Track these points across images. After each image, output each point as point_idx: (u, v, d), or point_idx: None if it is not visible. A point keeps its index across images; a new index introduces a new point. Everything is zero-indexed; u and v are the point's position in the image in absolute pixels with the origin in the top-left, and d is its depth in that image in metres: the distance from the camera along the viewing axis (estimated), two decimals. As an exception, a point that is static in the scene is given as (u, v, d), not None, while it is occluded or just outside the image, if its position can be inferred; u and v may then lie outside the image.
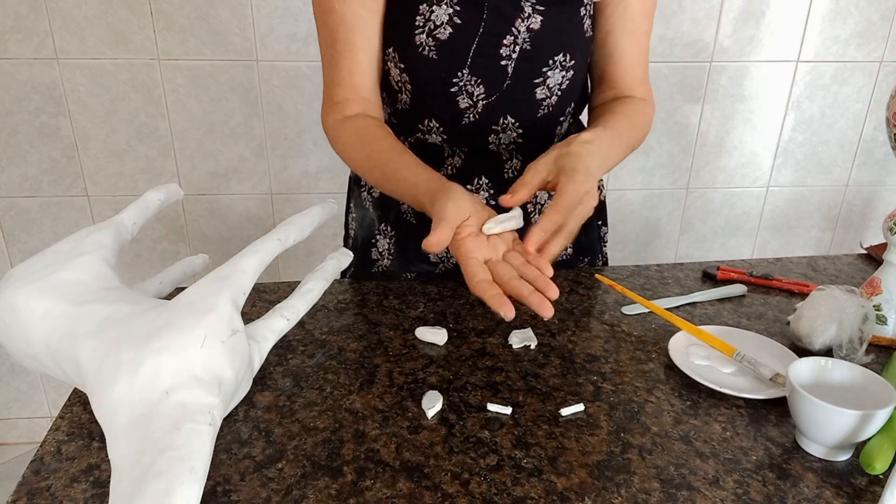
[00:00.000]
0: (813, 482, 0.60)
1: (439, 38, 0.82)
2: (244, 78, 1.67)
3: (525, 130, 0.90)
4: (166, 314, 0.62)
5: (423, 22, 0.81)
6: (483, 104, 0.86)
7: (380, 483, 0.58)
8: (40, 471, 0.60)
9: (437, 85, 0.85)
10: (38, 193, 1.74)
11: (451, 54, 0.83)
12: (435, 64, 0.83)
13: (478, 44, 0.82)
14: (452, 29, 0.81)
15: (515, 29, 0.82)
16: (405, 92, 0.88)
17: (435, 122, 0.89)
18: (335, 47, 0.84)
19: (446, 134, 0.90)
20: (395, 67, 0.86)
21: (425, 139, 0.92)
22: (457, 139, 0.91)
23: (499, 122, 0.88)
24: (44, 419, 2.02)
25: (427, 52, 0.82)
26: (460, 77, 0.84)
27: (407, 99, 0.89)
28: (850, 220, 2.06)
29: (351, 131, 0.85)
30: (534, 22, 0.82)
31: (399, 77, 0.87)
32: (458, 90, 0.85)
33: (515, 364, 0.76)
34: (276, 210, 1.83)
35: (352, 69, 0.85)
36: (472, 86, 0.85)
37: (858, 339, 0.76)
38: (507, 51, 0.83)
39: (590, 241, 1.05)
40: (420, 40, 0.82)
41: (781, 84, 1.84)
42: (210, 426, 0.57)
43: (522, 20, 0.82)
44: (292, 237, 0.73)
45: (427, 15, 0.81)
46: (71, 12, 1.56)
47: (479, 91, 0.85)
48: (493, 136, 0.90)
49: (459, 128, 0.89)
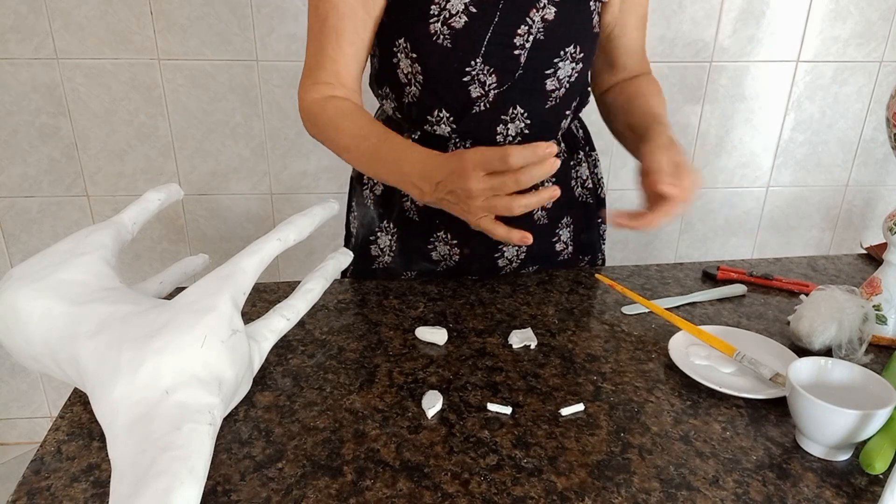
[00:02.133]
0: (813, 482, 0.60)
1: (454, 26, 0.82)
2: (244, 78, 1.67)
3: (532, 121, 0.91)
4: (166, 314, 0.62)
5: (439, 11, 0.82)
6: (494, 93, 0.87)
7: (380, 483, 0.58)
8: (40, 471, 0.60)
9: (450, 73, 0.86)
10: (38, 193, 1.74)
11: (466, 43, 0.84)
12: (448, 52, 0.84)
13: (493, 32, 0.83)
14: (468, 17, 0.82)
15: (530, 19, 0.83)
16: (415, 83, 0.89)
17: (445, 111, 0.90)
18: (323, 31, 0.86)
19: (455, 124, 0.91)
20: (407, 58, 0.86)
21: (433, 131, 0.92)
22: (465, 130, 0.91)
23: (508, 112, 0.89)
24: (44, 419, 2.02)
25: (441, 40, 0.83)
26: (473, 66, 0.85)
27: (416, 91, 0.89)
28: (850, 220, 2.06)
29: (337, 108, 0.86)
30: (548, 12, 0.84)
31: (410, 68, 0.87)
32: (470, 79, 0.86)
33: (515, 364, 0.76)
34: (276, 210, 1.83)
35: (335, 57, 0.86)
36: (485, 75, 0.86)
37: (858, 340, 0.76)
38: (521, 40, 0.84)
39: (591, 239, 1.05)
40: (435, 29, 0.83)
41: (781, 84, 1.84)
42: (210, 426, 0.57)
43: (538, 10, 0.83)
44: (292, 237, 0.73)
45: (442, 4, 0.82)
46: (71, 12, 1.56)
47: (491, 80, 0.86)
48: (501, 127, 0.90)
49: (469, 117, 0.89)
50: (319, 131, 0.88)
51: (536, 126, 0.91)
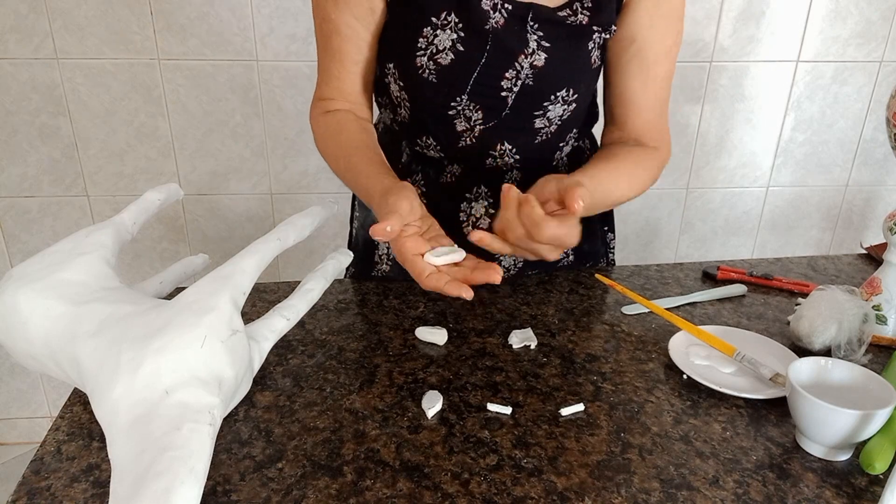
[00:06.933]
0: (813, 482, 0.60)
1: (440, 62, 0.80)
2: (244, 78, 1.67)
3: (522, 156, 0.89)
4: (166, 314, 0.62)
5: (426, 45, 0.79)
6: (480, 129, 0.86)
7: (380, 483, 0.58)
8: (40, 471, 0.60)
9: (435, 107, 0.84)
10: (38, 193, 1.74)
11: (451, 80, 0.81)
12: (434, 87, 0.82)
13: (479, 73, 0.80)
14: (454, 55, 0.79)
15: (518, 64, 0.80)
16: (404, 107, 0.88)
17: (432, 139, 0.89)
18: (327, 52, 0.85)
19: (443, 153, 0.90)
20: (395, 83, 0.86)
21: (424, 153, 0.92)
22: (453, 158, 0.91)
23: (496, 147, 0.88)
24: (44, 419, 2.02)
25: (427, 74, 0.81)
26: (459, 102, 0.83)
27: (405, 114, 0.89)
28: (850, 220, 2.06)
29: (329, 123, 0.86)
30: (538, 59, 0.80)
31: (398, 93, 0.86)
32: (455, 114, 0.84)
33: (515, 364, 0.76)
34: (276, 210, 1.83)
35: (340, 76, 0.86)
36: (471, 111, 0.84)
37: (858, 340, 0.76)
38: (508, 83, 0.81)
39: (593, 248, 1.04)
40: (421, 62, 0.81)
41: (781, 84, 1.84)
42: (210, 426, 0.57)
43: (526, 56, 0.80)
44: (292, 237, 0.73)
45: (430, 38, 0.79)
46: (71, 12, 1.56)
47: (476, 116, 0.84)
48: (490, 160, 0.89)
49: (456, 149, 0.89)
50: (319, 147, 0.89)
51: (528, 158, 0.90)
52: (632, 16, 0.83)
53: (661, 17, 0.84)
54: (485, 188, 0.92)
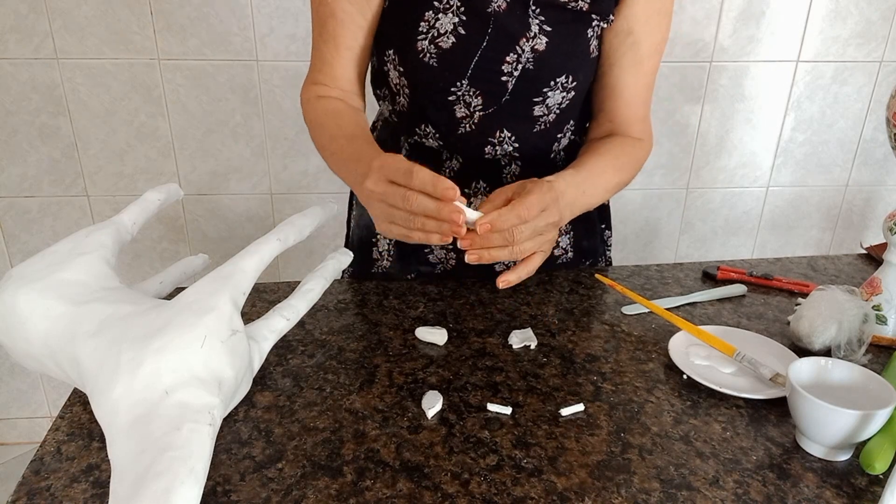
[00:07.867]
0: (813, 482, 0.60)
1: (441, 46, 0.81)
2: (244, 78, 1.67)
3: (521, 144, 0.90)
4: (166, 314, 0.62)
5: (427, 28, 0.80)
6: (480, 115, 0.86)
7: (380, 483, 0.58)
8: (40, 471, 0.60)
9: (435, 92, 0.85)
10: (38, 193, 1.74)
11: (452, 64, 0.82)
12: (434, 71, 0.83)
13: (479, 57, 0.81)
14: (456, 39, 0.80)
15: (519, 48, 0.81)
16: (403, 95, 0.88)
17: (431, 128, 0.89)
18: (322, 36, 0.86)
19: (442, 141, 0.90)
20: (395, 70, 0.86)
21: (423, 143, 0.92)
22: (453, 147, 0.91)
23: (495, 134, 0.88)
24: (44, 419, 2.02)
25: (428, 58, 0.82)
26: (459, 87, 0.84)
27: (405, 102, 0.89)
28: (850, 220, 2.06)
29: (324, 109, 0.87)
30: (539, 43, 0.81)
31: (398, 80, 0.87)
32: (455, 99, 0.85)
33: (515, 364, 0.76)
34: (276, 210, 1.83)
35: (333, 61, 0.87)
36: (471, 96, 0.84)
37: (858, 340, 0.76)
38: (509, 68, 0.82)
39: (592, 245, 1.04)
40: (422, 46, 0.81)
41: (781, 84, 1.84)
42: (210, 426, 0.57)
43: (528, 39, 0.81)
44: (292, 237, 0.73)
45: (431, 22, 0.80)
46: (71, 12, 1.56)
47: (476, 102, 0.85)
48: (489, 148, 0.90)
49: (455, 137, 0.89)
50: (309, 129, 0.89)
51: (526, 148, 0.90)
52: (630, 9, 0.84)
53: (656, 13, 0.86)
54: (483, 183, 0.93)
